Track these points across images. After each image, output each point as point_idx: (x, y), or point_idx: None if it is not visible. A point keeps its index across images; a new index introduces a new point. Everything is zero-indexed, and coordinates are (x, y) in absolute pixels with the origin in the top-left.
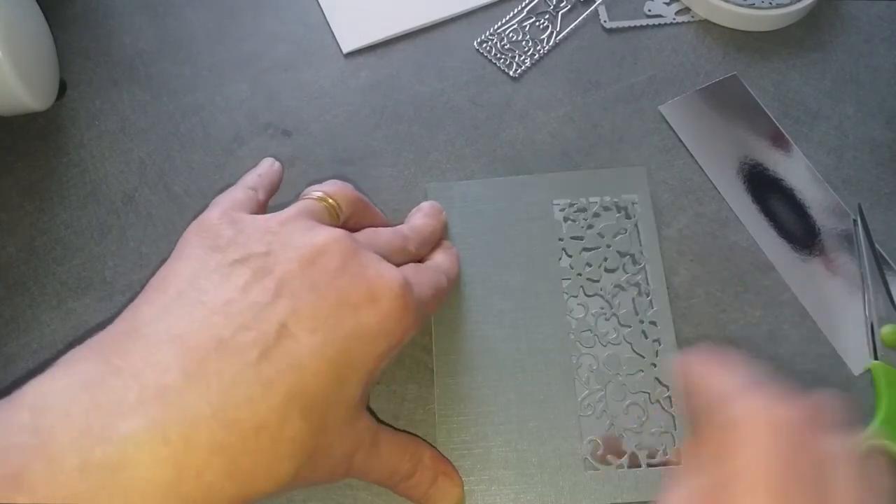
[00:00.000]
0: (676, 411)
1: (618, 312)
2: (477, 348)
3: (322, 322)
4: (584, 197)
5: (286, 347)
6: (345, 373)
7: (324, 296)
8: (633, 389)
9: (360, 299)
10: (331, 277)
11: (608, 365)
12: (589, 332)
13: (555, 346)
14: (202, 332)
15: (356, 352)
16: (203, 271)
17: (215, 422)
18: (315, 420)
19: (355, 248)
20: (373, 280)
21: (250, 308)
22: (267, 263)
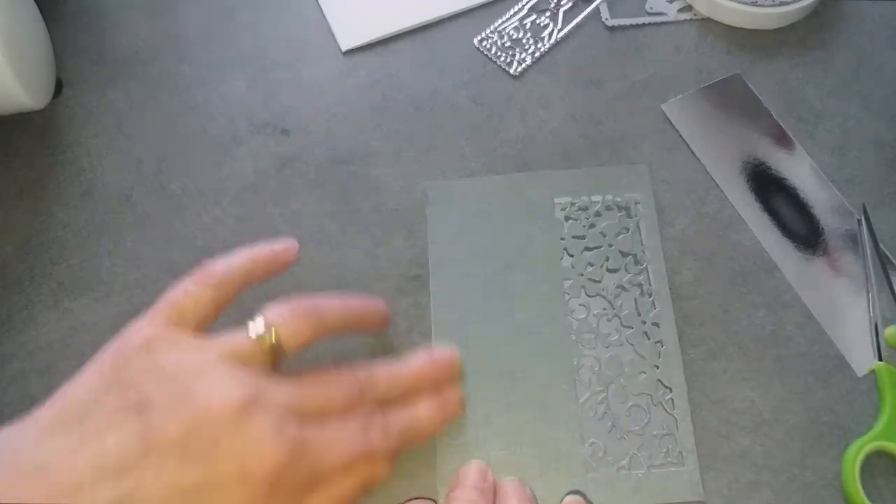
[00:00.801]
0: (679, 413)
1: (620, 313)
2: (477, 349)
3: (177, 495)
4: (586, 195)
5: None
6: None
7: (189, 464)
8: (634, 391)
9: (228, 478)
10: (207, 445)
11: (610, 366)
12: (591, 334)
13: (556, 348)
14: (66, 473)
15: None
16: (94, 408)
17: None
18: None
19: (246, 415)
20: (250, 454)
21: (116, 461)
22: (152, 422)
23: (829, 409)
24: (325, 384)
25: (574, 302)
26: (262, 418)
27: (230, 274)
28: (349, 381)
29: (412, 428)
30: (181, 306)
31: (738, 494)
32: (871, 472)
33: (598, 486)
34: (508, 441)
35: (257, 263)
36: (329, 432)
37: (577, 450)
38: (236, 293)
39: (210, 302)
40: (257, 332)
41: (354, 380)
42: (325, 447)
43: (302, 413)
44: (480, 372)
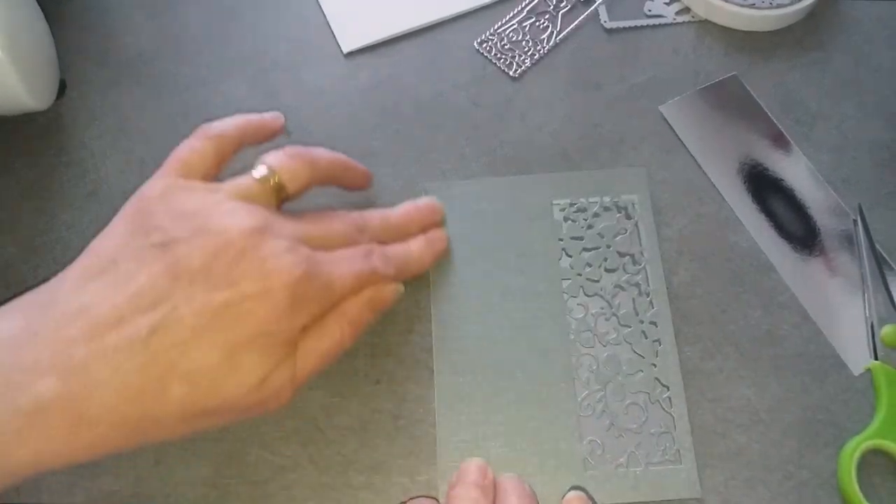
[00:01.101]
0: (676, 412)
1: (618, 313)
2: (477, 348)
3: (209, 315)
4: (584, 197)
5: (172, 329)
6: (233, 349)
7: (215, 287)
8: (632, 389)
9: (252, 294)
10: (228, 268)
11: (608, 365)
12: (589, 333)
13: (555, 347)
14: (108, 311)
15: (242, 335)
16: (123, 253)
17: (110, 388)
18: (201, 385)
19: (261, 238)
20: (269, 271)
21: (150, 293)
22: (177, 254)
23: (825, 407)
24: (326, 220)
25: (572, 301)
26: (276, 241)
27: (227, 131)
28: (347, 219)
29: (407, 260)
30: (187, 160)
31: (734, 492)
32: (868, 471)
33: (597, 484)
34: (508, 439)
35: (250, 124)
36: (336, 255)
37: (576, 447)
38: (234, 149)
39: (212, 155)
40: (261, 174)
41: (351, 219)
42: (335, 266)
43: (309, 240)
44: (480, 370)
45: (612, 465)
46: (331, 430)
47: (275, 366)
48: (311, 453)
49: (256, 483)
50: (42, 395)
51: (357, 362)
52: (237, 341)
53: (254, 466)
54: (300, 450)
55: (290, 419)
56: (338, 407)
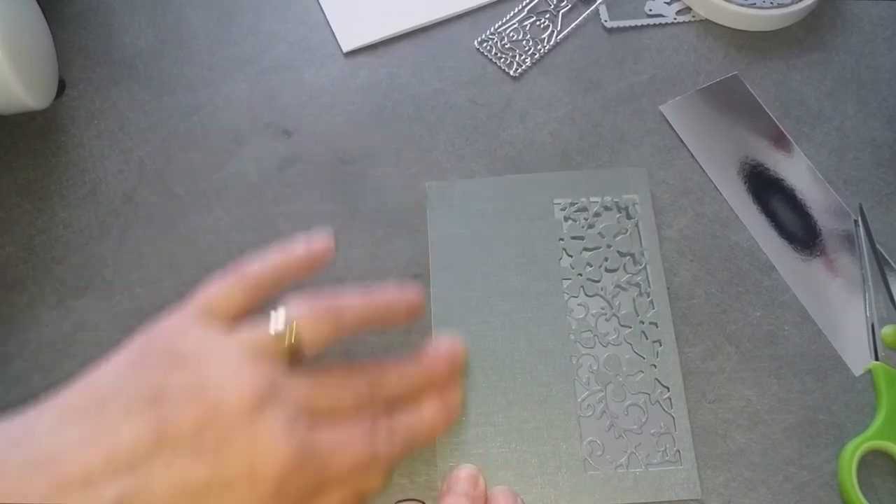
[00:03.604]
0: (676, 412)
1: (618, 313)
2: (477, 349)
3: (184, 493)
4: (585, 197)
5: (141, 501)
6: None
7: (197, 462)
8: (632, 390)
9: (237, 477)
10: (217, 443)
11: (608, 366)
12: (589, 333)
13: (555, 347)
14: (77, 464)
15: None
16: (115, 395)
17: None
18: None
19: (259, 410)
20: (259, 454)
21: (128, 454)
22: (166, 416)
23: (825, 408)
24: (338, 382)
25: (573, 302)
26: (275, 416)
27: (264, 274)
28: (361, 381)
29: (415, 431)
30: (213, 301)
31: (734, 493)
32: (868, 471)
33: (597, 484)
34: (507, 439)
35: (291, 265)
36: (337, 436)
37: (576, 448)
38: (268, 292)
39: (241, 299)
40: (277, 329)
41: (366, 379)
42: (333, 451)
43: (314, 412)
44: (480, 370)
45: (612, 465)
46: None
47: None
48: None
49: None
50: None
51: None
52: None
53: None
54: None
55: None
56: None
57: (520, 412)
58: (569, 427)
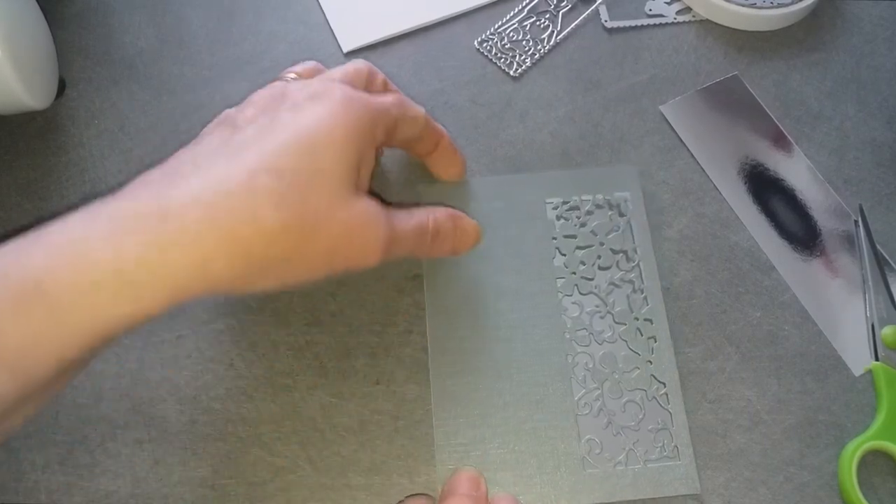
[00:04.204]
0: (673, 408)
1: (612, 310)
2: (473, 349)
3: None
4: (577, 195)
5: (257, 137)
6: (316, 148)
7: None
8: (629, 387)
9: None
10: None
11: (604, 363)
12: (584, 331)
13: (550, 346)
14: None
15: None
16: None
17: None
18: (286, 177)
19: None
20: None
21: (242, 125)
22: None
23: (825, 408)
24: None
25: (567, 300)
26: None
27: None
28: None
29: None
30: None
31: (734, 493)
32: (868, 472)
33: (596, 482)
34: (505, 440)
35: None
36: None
37: (574, 447)
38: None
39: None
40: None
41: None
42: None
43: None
44: (476, 371)
45: (610, 463)
46: (330, 431)
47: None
48: (309, 454)
49: (255, 484)
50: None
51: (356, 363)
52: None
53: (252, 467)
54: (299, 450)
55: (288, 420)
56: (337, 408)
57: (516, 412)
58: (566, 426)
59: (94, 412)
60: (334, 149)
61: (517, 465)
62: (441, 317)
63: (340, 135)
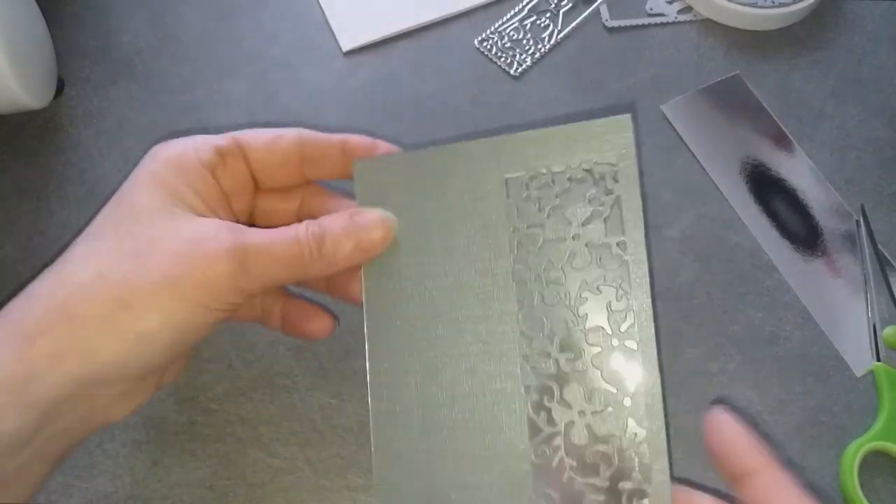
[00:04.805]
0: (653, 465)
1: (586, 326)
2: (416, 396)
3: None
4: (547, 166)
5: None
6: (123, 197)
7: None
8: (599, 431)
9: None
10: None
11: (570, 398)
12: (548, 358)
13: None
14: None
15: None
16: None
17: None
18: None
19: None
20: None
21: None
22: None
23: (827, 409)
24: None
25: (529, 314)
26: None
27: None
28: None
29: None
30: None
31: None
32: (870, 472)
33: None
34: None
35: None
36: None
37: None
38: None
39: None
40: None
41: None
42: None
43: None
44: (417, 426)
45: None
46: (329, 432)
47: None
48: (308, 455)
49: (254, 485)
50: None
51: (356, 363)
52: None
53: (251, 468)
54: (298, 452)
55: (287, 420)
56: (336, 408)
57: (463, 461)
58: (518, 477)
59: None
60: (139, 190)
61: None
62: (379, 346)
63: (143, 177)
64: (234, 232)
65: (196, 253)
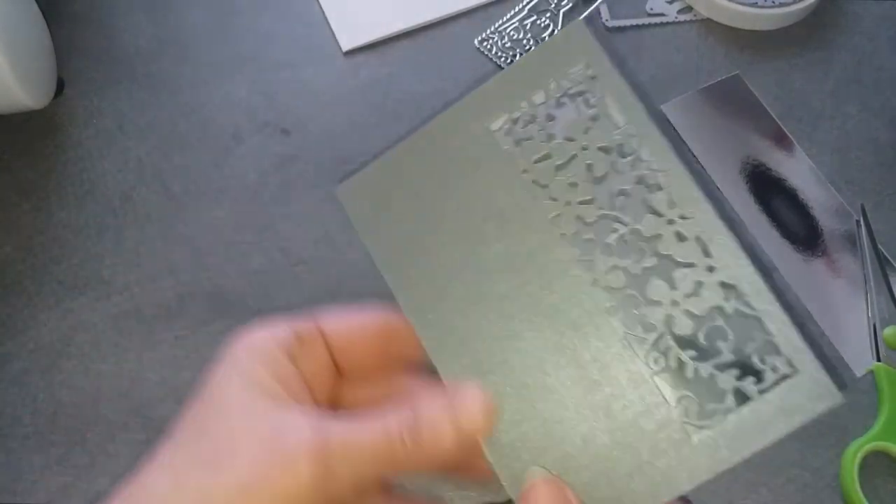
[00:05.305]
0: (762, 308)
1: (636, 226)
2: (489, 358)
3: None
4: (525, 101)
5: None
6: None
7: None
8: (699, 311)
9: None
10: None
11: (655, 296)
12: (615, 269)
13: (579, 311)
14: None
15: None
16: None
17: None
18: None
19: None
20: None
21: None
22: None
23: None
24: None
25: (576, 241)
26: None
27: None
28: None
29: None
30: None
31: (736, 495)
32: (870, 473)
33: (713, 448)
34: (571, 451)
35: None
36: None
37: (668, 416)
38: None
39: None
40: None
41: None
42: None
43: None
44: (500, 383)
45: (720, 415)
46: None
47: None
48: None
49: None
50: None
51: None
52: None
53: None
54: None
55: None
56: None
57: (578, 424)
58: (646, 396)
59: (92, 413)
60: (223, 384)
61: (600, 474)
62: (436, 340)
63: (227, 370)
64: (317, 427)
65: (275, 455)
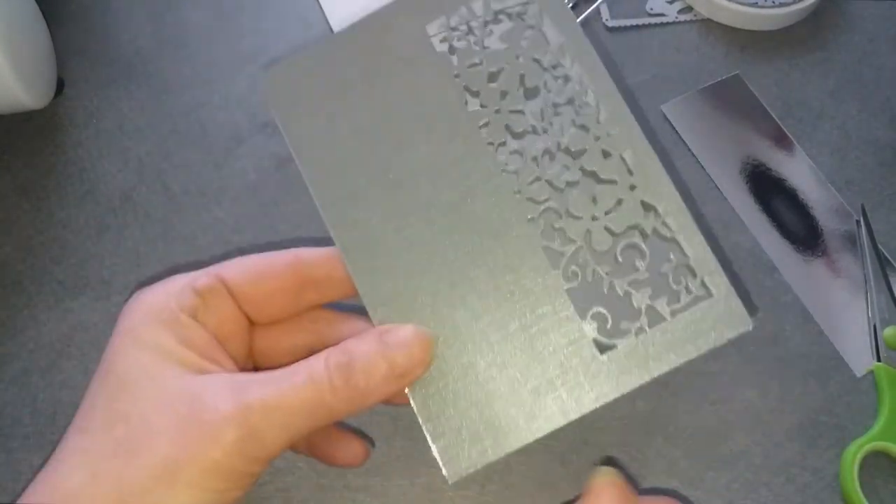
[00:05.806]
0: (680, 231)
1: (562, 139)
2: (409, 261)
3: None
4: (464, 5)
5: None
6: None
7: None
8: (618, 228)
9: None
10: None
11: (577, 211)
12: (538, 181)
13: (502, 219)
14: None
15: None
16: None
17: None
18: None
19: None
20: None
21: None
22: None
23: (827, 409)
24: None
25: (503, 151)
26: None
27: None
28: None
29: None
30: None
31: (736, 495)
32: (870, 473)
33: (623, 364)
34: (491, 359)
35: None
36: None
37: (579, 331)
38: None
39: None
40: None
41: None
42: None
43: None
44: (422, 289)
45: (630, 334)
46: None
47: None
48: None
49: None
50: None
51: None
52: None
53: None
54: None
55: None
56: None
57: (493, 317)
58: (558, 311)
59: None
60: (122, 355)
61: (511, 383)
62: (357, 247)
63: (122, 339)
64: (236, 392)
65: (195, 429)
